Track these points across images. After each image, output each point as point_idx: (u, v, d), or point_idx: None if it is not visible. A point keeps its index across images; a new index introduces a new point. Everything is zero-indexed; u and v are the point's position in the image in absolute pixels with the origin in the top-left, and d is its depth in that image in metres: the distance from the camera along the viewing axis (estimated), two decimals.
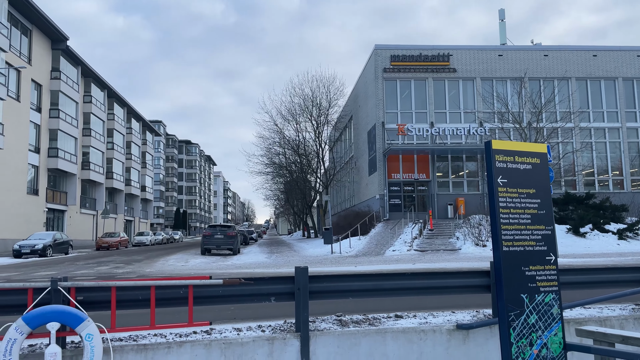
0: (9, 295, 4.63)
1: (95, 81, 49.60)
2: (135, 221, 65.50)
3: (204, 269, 17.57)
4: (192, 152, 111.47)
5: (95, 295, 4.87)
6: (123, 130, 58.78)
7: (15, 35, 35.99)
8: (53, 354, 4.31)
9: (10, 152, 34.43)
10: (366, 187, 35.93)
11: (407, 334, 5.57)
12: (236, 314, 7.14)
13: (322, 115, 40.66)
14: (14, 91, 35.51)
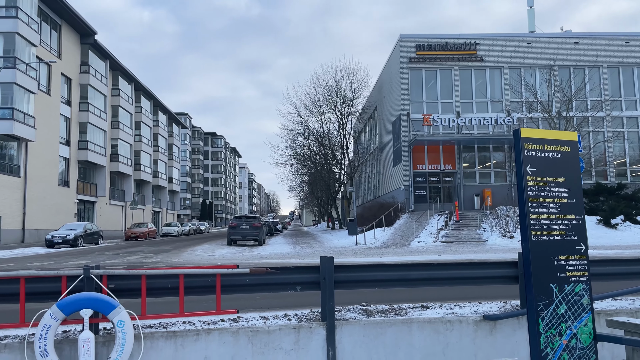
0: (43, 283, 4.78)
1: (122, 75, 50.39)
2: (163, 212, 66.61)
3: (230, 259, 17.79)
4: (217, 144, 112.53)
5: (126, 283, 4.99)
6: (150, 123, 59.67)
7: (45, 30, 36.78)
8: (86, 340, 4.44)
9: (42, 144, 35.32)
10: (391, 178, 35.75)
11: (433, 324, 5.56)
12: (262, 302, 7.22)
13: (347, 106, 40.53)
14: (44, 85, 36.35)
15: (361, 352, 5.33)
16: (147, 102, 58.57)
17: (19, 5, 31.75)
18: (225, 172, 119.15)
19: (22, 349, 4.49)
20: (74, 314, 4.51)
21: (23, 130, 31.99)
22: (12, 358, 4.49)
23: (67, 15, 38.65)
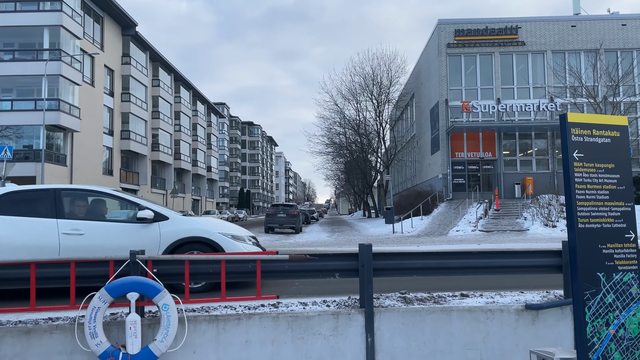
0: (92, 267, 4.97)
1: (162, 65, 51.37)
2: (202, 200, 67.93)
3: (268, 246, 18.00)
4: (254, 133, 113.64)
5: (170, 268, 5.13)
6: (189, 113, 60.73)
7: (88, 22, 37.81)
8: (133, 322, 4.60)
9: (87, 134, 36.50)
10: (428, 166, 35.32)
11: (473, 313, 5.49)
12: (301, 289, 7.29)
13: (383, 94, 40.16)
14: (88, 77, 37.46)
15: (400, 339, 5.33)
16: (186, 92, 59.59)
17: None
18: (262, 161, 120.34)
19: (72, 330, 4.68)
20: (120, 297, 4.67)
21: (69, 121, 33.12)
22: (63, 338, 4.70)
23: (109, 8, 39.59)
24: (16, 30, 32.72)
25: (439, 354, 5.36)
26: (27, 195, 6.93)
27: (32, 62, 32.27)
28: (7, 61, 32.98)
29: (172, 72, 54.15)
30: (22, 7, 32.82)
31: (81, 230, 6.64)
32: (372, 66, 40.20)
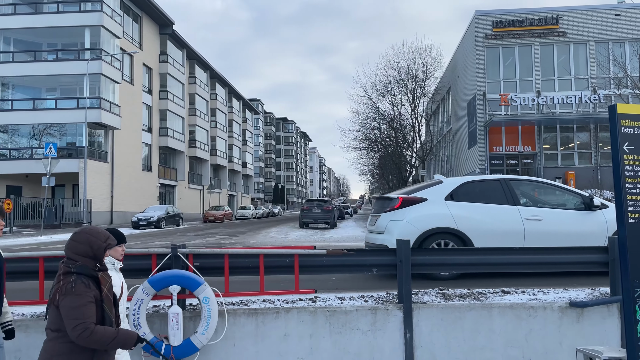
0: (136, 260, 5.09)
1: (198, 63, 52.19)
2: (238, 196, 68.82)
3: (304, 241, 18.11)
4: (288, 129, 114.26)
5: (210, 262, 5.21)
6: (225, 109, 61.53)
7: (127, 22, 38.74)
8: (175, 314, 4.70)
9: (127, 131, 37.46)
10: (465, 160, 34.72)
11: (515, 310, 5.38)
12: (338, 284, 7.29)
13: (418, 88, 39.60)
14: (128, 75, 38.40)
15: (439, 335, 5.27)
16: (221, 89, 60.37)
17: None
18: (296, 157, 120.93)
19: None
20: (163, 290, 4.77)
21: (109, 119, 34.06)
22: None
23: (147, 7, 40.44)
24: (59, 30, 33.83)
25: (479, 351, 5.28)
26: (480, 185, 7.72)
27: (74, 62, 33.30)
28: (51, 61, 34.15)
29: (208, 69, 54.94)
30: (65, 8, 33.89)
31: (539, 216, 7.20)
32: (407, 60, 39.68)
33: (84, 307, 2.79)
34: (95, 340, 2.78)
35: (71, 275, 2.85)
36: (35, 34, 34.12)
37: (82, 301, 2.79)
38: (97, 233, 3.00)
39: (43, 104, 34.15)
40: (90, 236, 2.96)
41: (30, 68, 33.45)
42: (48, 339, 2.88)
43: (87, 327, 2.75)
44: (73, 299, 2.79)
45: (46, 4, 34.06)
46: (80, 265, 2.89)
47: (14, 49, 34.26)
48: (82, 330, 2.74)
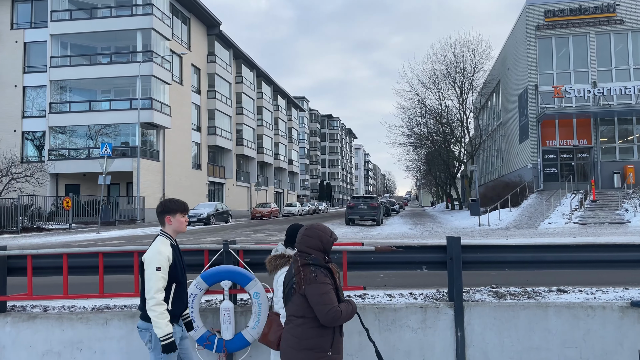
0: (189, 256, 5.22)
1: (245, 62, 52.99)
2: (284, 193, 69.50)
3: (350, 238, 18.10)
4: (333, 126, 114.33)
5: (259, 258, 5.27)
6: (271, 108, 62.22)
7: (177, 24, 39.78)
8: (227, 309, 4.79)
9: (177, 131, 38.52)
10: (517, 155, 33.72)
11: (572, 309, 5.18)
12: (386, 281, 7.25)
13: (467, 81, 38.79)
14: (177, 76, 39.45)
15: (492, 334, 5.14)
16: (267, 87, 61.08)
17: (154, 2, 34.61)
18: (342, 154, 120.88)
19: None
20: (215, 285, 4.88)
21: (161, 119, 35.11)
22: None
23: (195, 9, 41.38)
24: (112, 34, 35.12)
25: (534, 351, 5.12)
26: None
27: (127, 64, 34.51)
28: (106, 64, 35.51)
29: (254, 68, 55.69)
30: (117, 12, 35.15)
31: None
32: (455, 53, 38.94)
33: (329, 293, 3.15)
34: (343, 319, 3.17)
35: (310, 267, 3.20)
36: (90, 38, 35.56)
37: (326, 288, 3.15)
38: (325, 229, 3.33)
39: (98, 106, 35.58)
40: (320, 231, 3.30)
41: (86, 71, 34.90)
42: (294, 324, 3.24)
43: (335, 310, 3.12)
44: (318, 286, 3.14)
45: (100, 9, 35.43)
46: (314, 257, 3.24)
47: (71, 53, 35.83)
48: (334, 312, 3.11)
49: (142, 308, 3.65)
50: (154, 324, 3.51)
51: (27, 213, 26.04)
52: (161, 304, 3.52)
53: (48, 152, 34.69)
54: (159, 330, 3.50)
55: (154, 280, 3.53)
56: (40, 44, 35.86)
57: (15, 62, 36.13)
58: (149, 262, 3.59)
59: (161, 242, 3.71)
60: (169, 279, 3.63)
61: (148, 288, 3.54)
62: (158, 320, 3.50)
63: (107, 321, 5.02)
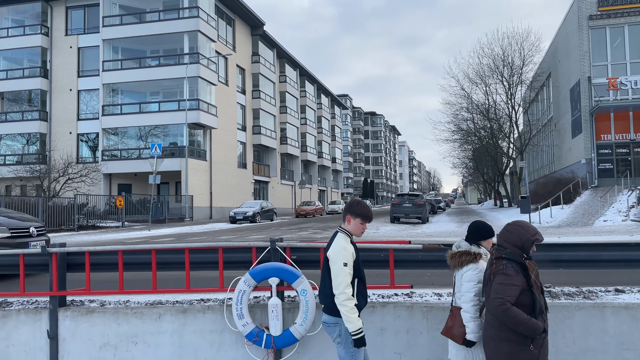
0: (237, 253, 5.32)
1: (288, 62, 53.38)
2: (328, 191, 69.65)
3: (395, 236, 17.94)
4: (377, 123, 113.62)
5: (306, 255, 5.31)
6: (314, 106, 62.44)
7: (222, 25, 40.50)
8: (275, 305, 4.85)
9: (223, 131, 39.25)
10: (569, 150, 32.51)
11: (631, 310, 4.95)
12: (433, 279, 7.15)
13: (515, 75, 37.66)
14: (223, 76, 40.17)
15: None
16: (310, 86, 61.32)
17: (200, 5, 35.36)
18: (385, 151, 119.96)
19: (222, 311, 5.07)
20: (262, 282, 4.95)
21: (207, 119, 35.86)
22: (214, 318, 5.12)
23: (240, 10, 42.01)
24: (160, 37, 36.13)
25: (590, 352, 4.93)
26: None
27: (174, 66, 35.43)
28: (154, 67, 36.56)
29: (297, 67, 56.02)
30: (165, 16, 36.11)
31: None
32: (502, 46, 37.86)
33: (508, 286, 3.20)
34: (508, 318, 3.18)
35: (502, 260, 3.31)
36: (140, 42, 36.71)
37: (508, 281, 3.21)
38: (527, 227, 3.39)
39: (148, 107, 36.70)
40: (520, 228, 3.37)
41: (136, 74, 36.06)
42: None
43: (504, 302, 3.18)
44: (502, 277, 3.24)
45: (149, 13, 36.51)
46: (509, 252, 3.32)
47: (122, 57, 37.10)
48: (499, 304, 3.19)
49: (328, 303, 3.76)
50: (346, 319, 3.60)
51: (82, 212, 27.17)
52: (351, 298, 3.62)
53: (101, 153, 36.08)
54: (350, 325, 3.59)
55: (343, 276, 3.62)
56: (92, 49, 37.32)
57: (70, 67, 37.75)
58: (336, 259, 3.68)
59: (343, 239, 3.78)
60: (353, 275, 3.72)
61: (338, 283, 3.62)
62: (350, 314, 3.59)
63: (160, 316, 5.18)
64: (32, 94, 38.57)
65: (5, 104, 39.29)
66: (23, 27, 38.09)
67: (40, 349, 5.25)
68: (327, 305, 3.77)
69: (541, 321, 3.27)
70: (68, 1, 38.09)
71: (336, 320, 3.69)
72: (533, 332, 3.20)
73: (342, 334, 3.69)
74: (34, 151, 37.87)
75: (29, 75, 37.77)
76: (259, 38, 46.10)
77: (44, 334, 5.24)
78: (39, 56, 37.96)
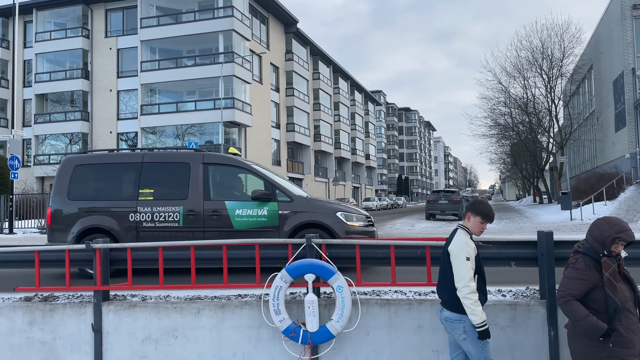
0: (274, 249, 5.37)
1: (321, 59, 53.41)
2: (362, 188, 69.45)
3: (431, 233, 17.74)
4: (411, 119, 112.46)
5: (341, 252, 5.31)
6: (347, 103, 62.31)
7: (255, 24, 40.85)
8: (311, 301, 4.88)
9: (258, 129, 39.62)
10: (612, 145, 31.41)
11: None
12: None
13: (555, 68, 36.58)
14: (257, 75, 40.53)
15: None
16: (344, 82, 61.20)
17: (234, 4, 35.75)
18: (420, 147, 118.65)
19: (259, 306, 5.13)
20: (299, 278, 4.97)
21: (242, 117, 36.27)
22: (252, 313, 5.18)
23: (273, 9, 42.27)
24: (196, 37, 36.72)
25: None
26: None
27: (210, 66, 35.96)
28: (190, 66, 37.21)
29: (331, 64, 55.99)
30: (200, 16, 36.69)
31: None
32: (541, 38, 36.81)
33: (573, 280, 3.25)
34: (567, 311, 3.28)
35: (578, 254, 3.37)
36: (176, 42, 37.41)
37: (575, 275, 3.26)
38: (613, 224, 3.31)
39: (184, 107, 37.39)
40: (606, 224, 3.32)
41: (172, 74, 36.78)
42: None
43: (563, 295, 3.25)
44: (571, 271, 3.32)
45: (184, 14, 37.16)
46: (587, 246, 3.35)
47: (159, 58, 37.90)
48: (560, 296, 3.27)
49: (449, 298, 3.83)
50: (471, 312, 3.67)
51: None
52: (475, 292, 3.69)
53: None
54: (475, 318, 3.66)
55: (466, 270, 3.70)
56: (131, 50, 38.25)
57: (110, 68, 38.81)
58: (458, 253, 3.77)
59: (464, 234, 3.88)
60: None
61: (460, 277, 3.70)
62: (474, 307, 3.66)
63: (199, 311, 5.28)
64: (74, 95, 39.85)
65: (49, 105, 40.72)
66: (65, 30, 39.35)
67: (85, 341, 5.42)
68: (448, 301, 3.85)
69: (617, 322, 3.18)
70: (107, 4, 39.13)
71: (460, 316, 3.76)
72: (592, 331, 3.14)
73: (467, 330, 3.75)
74: (76, 150, 39.14)
75: (71, 76, 39.02)
76: (293, 36, 46.28)
77: (88, 327, 5.41)
78: (80, 58, 39.16)
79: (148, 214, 7.69)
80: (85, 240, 5.56)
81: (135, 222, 7.70)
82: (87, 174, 8.18)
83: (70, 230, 7.82)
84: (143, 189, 7.79)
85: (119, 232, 7.67)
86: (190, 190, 7.71)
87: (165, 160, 8.28)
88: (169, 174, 8.00)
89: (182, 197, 7.69)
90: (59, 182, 8.17)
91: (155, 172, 7.98)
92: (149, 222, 7.66)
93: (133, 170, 8.01)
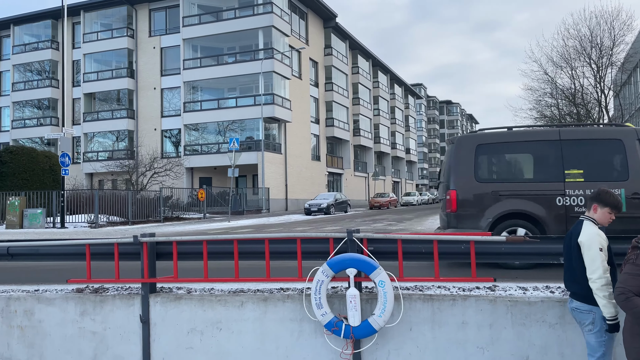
0: (315, 244, 5.38)
1: (360, 53, 53.09)
2: (402, 182, 68.80)
3: None
4: (452, 112, 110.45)
5: (383, 247, 5.27)
6: (387, 97, 61.76)
7: (294, 20, 40.97)
8: (353, 296, 4.86)
9: (297, 124, 39.81)
10: None
11: None
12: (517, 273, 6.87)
13: (604, 57, 35.07)
14: (296, 70, 40.69)
15: None
16: (383, 76, 60.67)
17: (273, 1, 35.97)
18: None
19: (301, 300, 5.16)
20: (340, 272, 4.97)
21: (282, 113, 36.52)
22: (294, 307, 5.22)
23: (312, 4, 42.28)
24: (236, 34, 37.18)
25: None
26: None
27: (250, 62, 36.35)
28: (231, 63, 37.73)
29: (370, 57, 55.59)
30: (240, 13, 37.11)
31: None
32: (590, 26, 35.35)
33: (633, 277, 3.21)
34: (627, 307, 3.24)
35: (637, 250, 3.32)
36: (217, 39, 37.98)
37: (634, 271, 3.21)
38: None
39: (226, 103, 37.97)
40: None
41: (214, 71, 37.39)
42: None
43: (623, 292, 3.21)
44: (630, 267, 3.27)
45: (225, 12, 37.66)
46: None
47: (201, 55, 38.59)
48: (618, 293, 3.24)
49: (578, 289, 3.83)
50: (603, 305, 3.65)
51: (167, 204, 28.64)
52: (610, 284, 3.65)
53: (184, 148, 37.81)
54: (607, 310, 3.65)
55: (600, 261, 3.66)
56: (174, 49, 39.09)
57: (154, 67, 39.80)
58: (590, 244, 3.71)
59: (593, 225, 3.82)
60: None
61: (595, 268, 3.66)
62: (609, 300, 3.64)
63: (242, 303, 5.36)
64: (120, 93, 41.10)
65: (96, 103, 42.15)
66: (111, 31, 40.59)
67: (133, 332, 5.59)
68: (578, 292, 3.84)
69: None
70: (151, 4, 40.10)
71: (590, 307, 3.74)
72: None
73: (595, 321, 3.75)
74: (122, 147, 40.39)
75: (117, 76, 40.24)
76: (331, 30, 46.19)
77: (136, 318, 5.58)
78: (125, 57, 40.32)
79: (580, 197, 6.96)
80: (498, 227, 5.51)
81: (565, 206, 7.06)
82: (493, 154, 7.63)
83: (484, 214, 7.30)
84: (569, 170, 7.11)
85: (544, 218, 7.11)
86: (631, 170, 6.93)
87: (589, 137, 7.49)
88: (598, 152, 7.22)
89: (622, 179, 6.96)
90: (461, 164, 7.55)
91: (580, 149, 7.22)
92: (581, 206, 6.94)
93: (551, 148, 7.29)
